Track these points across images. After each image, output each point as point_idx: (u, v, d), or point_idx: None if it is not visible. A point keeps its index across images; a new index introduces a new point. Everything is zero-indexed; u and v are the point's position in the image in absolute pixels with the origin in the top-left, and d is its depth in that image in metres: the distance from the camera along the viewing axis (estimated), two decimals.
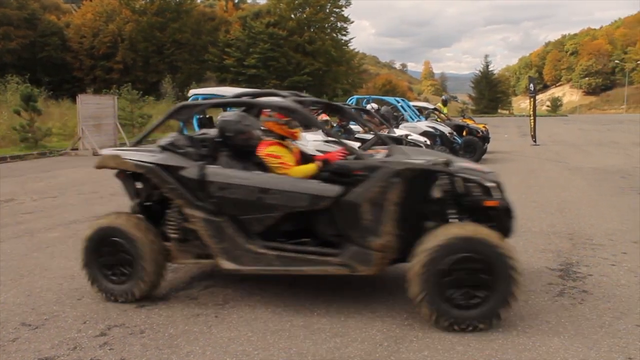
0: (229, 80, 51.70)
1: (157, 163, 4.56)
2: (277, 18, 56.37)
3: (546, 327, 4.05)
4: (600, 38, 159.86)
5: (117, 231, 4.59)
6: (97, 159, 4.92)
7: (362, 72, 68.60)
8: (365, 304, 4.53)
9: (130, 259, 4.56)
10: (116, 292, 4.63)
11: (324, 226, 4.38)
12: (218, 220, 4.44)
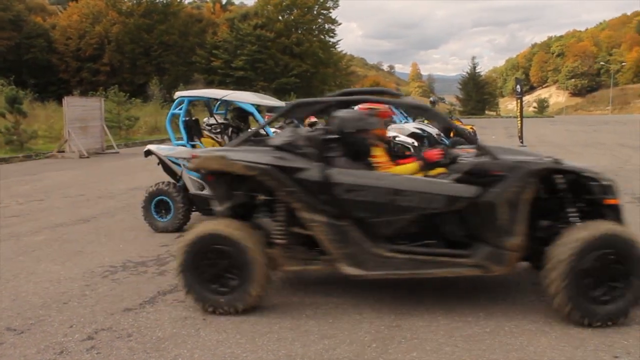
0: (216, 82, 51.64)
1: (274, 164, 4.29)
2: (265, 20, 56.38)
3: (533, 326, 4.07)
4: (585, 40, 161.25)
5: (223, 238, 4.28)
6: (195, 161, 4.57)
7: (350, 74, 68.70)
8: (353, 306, 4.53)
9: (237, 269, 4.28)
10: (217, 303, 4.34)
11: (453, 227, 4.34)
12: (341, 224, 4.27)
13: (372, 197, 4.21)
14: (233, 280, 4.31)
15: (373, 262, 4.25)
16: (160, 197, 7.37)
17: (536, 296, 4.68)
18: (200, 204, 7.37)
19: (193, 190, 7.31)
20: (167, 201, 7.37)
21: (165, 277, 5.42)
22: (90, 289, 5.07)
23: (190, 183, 7.29)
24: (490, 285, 4.98)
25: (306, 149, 4.39)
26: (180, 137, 7.65)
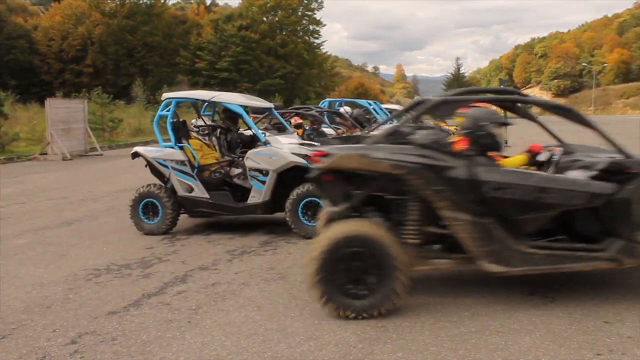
0: (200, 83, 51.44)
1: (423, 163, 4.23)
2: (249, 21, 56.25)
3: (518, 325, 4.09)
4: (568, 41, 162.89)
5: (362, 239, 4.17)
6: (328, 160, 4.36)
7: (334, 75, 68.77)
8: None
9: (377, 269, 4.18)
10: (358, 308, 4.21)
11: (589, 222, 4.50)
12: (485, 221, 4.29)
13: (519, 194, 4.29)
14: (373, 282, 4.21)
15: (516, 259, 4.35)
16: (149, 200, 7.29)
17: (521, 296, 4.71)
18: (189, 206, 7.32)
19: (181, 192, 7.25)
20: (155, 203, 7.29)
21: (150, 279, 5.38)
22: (73, 293, 5.02)
23: (178, 185, 7.24)
24: (475, 285, 5.01)
25: (449, 148, 4.42)
26: (168, 139, 7.59)
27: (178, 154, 7.30)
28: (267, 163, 6.98)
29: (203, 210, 7.34)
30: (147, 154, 7.45)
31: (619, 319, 4.19)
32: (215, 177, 7.48)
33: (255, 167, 7.04)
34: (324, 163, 4.37)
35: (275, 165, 6.96)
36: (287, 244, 6.70)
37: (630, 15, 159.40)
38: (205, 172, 7.46)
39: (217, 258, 6.12)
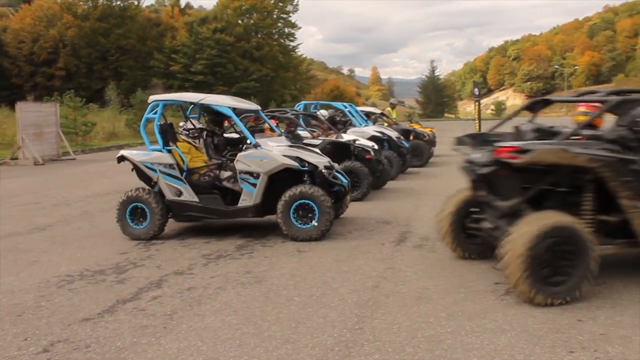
0: (175, 86, 51.03)
1: (616, 157, 4.64)
2: (224, 24, 56.05)
3: (493, 325, 4.12)
4: (540, 44, 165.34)
5: (565, 230, 4.49)
6: (530, 155, 4.51)
7: (310, 78, 68.84)
8: (315, 310, 4.52)
9: (572, 258, 4.51)
10: (559, 293, 4.49)
11: None
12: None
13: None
14: (568, 267, 4.50)
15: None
16: (136, 204, 7.15)
17: (496, 296, 4.75)
18: (178, 210, 7.22)
19: (170, 196, 7.14)
20: (143, 208, 7.16)
21: (125, 285, 5.31)
22: (45, 300, 4.93)
23: (167, 189, 7.13)
24: (452, 286, 5.04)
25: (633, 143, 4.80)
26: (155, 142, 7.43)
27: (166, 158, 7.17)
28: (257, 165, 6.93)
29: (192, 214, 7.25)
30: (133, 158, 7.30)
31: (591, 317, 4.25)
32: (204, 181, 7.37)
33: (246, 169, 6.97)
34: (522, 158, 4.54)
35: (266, 167, 6.92)
36: (263, 247, 6.67)
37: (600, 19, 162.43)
38: (194, 176, 7.35)
39: (193, 262, 6.07)
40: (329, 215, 6.82)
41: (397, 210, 8.78)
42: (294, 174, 7.12)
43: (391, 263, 5.82)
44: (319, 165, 7.11)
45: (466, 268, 5.57)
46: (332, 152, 9.63)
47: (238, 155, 7.10)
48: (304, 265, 5.81)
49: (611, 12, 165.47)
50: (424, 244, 6.61)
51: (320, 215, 6.80)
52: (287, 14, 60.77)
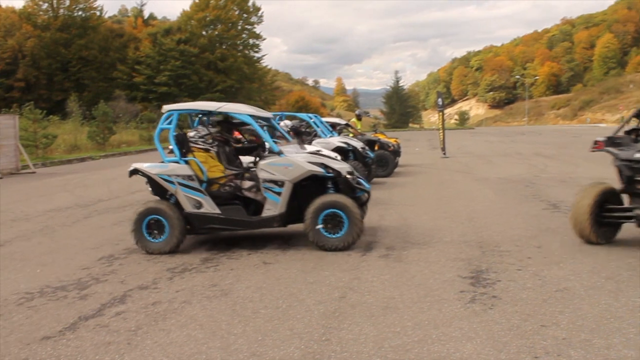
0: (139, 98, 50.52)
1: None
2: (188, 35, 55.72)
3: (459, 333, 4.15)
4: (502, 55, 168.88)
5: None
6: None
7: (275, 89, 68.85)
8: (282, 322, 4.49)
9: None
10: None
11: None
12: None
13: None
14: None
15: None
16: (154, 217, 6.91)
17: (461, 304, 4.79)
18: (198, 223, 7.02)
19: (189, 209, 6.94)
20: (161, 220, 6.92)
21: (87, 301, 5.20)
22: (3, 319, 4.79)
23: (186, 201, 6.92)
24: (417, 295, 5.06)
25: None
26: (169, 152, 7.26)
27: (184, 169, 6.96)
28: (282, 174, 6.80)
29: (214, 226, 7.05)
30: (149, 171, 7.04)
31: (554, 322, 4.32)
32: (225, 191, 7.15)
33: (270, 178, 6.83)
34: None
35: (292, 175, 6.81)
36: (229, 260, 6.60)
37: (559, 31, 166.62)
38: (213, 186, 7.11)
39: (158, 276, 5.97)
40: (358, 226, 6.75)
41: None
42: (316, 181, 7.02)
43: (357, 273, 5.83)
44: (342, 172, 7.02)
45: (432, 277, 5.61)
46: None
47: (260, 163, 6.93)
48: (270, 277, 5.77)
49: (568, 24, 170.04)
50: (390, 253, 6.64)
51: (350, 226, 6.71)
52: (252, 25, 60.81)
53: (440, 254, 6.50)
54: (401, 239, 7.32)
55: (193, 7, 58.93)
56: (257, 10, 60.75)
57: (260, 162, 6.95)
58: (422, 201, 10.62)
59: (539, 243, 6.92)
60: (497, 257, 6.34)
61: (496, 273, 5.69)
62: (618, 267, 5.78)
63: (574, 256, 6.27)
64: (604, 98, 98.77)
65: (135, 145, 32.06)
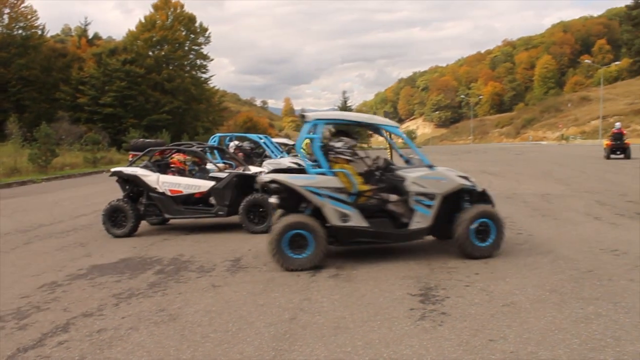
0: (83, 119, 49.39)
1: None
2: (134, 55, 54.98)
3: (410, 351, 4.17)
4: (447, 75, 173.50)
5: None
6: None
7: (223, 110, 68.52)
8: (232, 345, 4.42)
9: None
10: None
11: None
12: None
13: None
14: None
15: None
16: (297, 231, 6.69)
17: (411, 321, 4.82)
18: (346, 236, 6.88)
19: (336, 222, 6.76)
20: (305, 235, 6.69)
21: (27, 331, 4.98)
22: None
23: (333, 214, 6.71)
24: (368, 314, 5.07)
25: None
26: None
27: (333, 181, 6.79)
28: (435, 187, 6.97)
29: (362, 240, 6.96)
30: (294, 182, 6.76)
31: (502, 336, 4.39)
32: (371, 204, 7.05)
33: (422, 191, 6.94)
34: None
35: (444, 188, 7.01)
36: (177, 284, 6.46)
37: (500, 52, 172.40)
38: (360, 199, 6.99)
39: (103, 303, 5.79)
40: (503, 234, 7.13)
41: None
42: (460, 194, 7.27)
43: (307, 294, 5.80)
44: (478, 186, 7.45)
45: (382, 295, 5.63)
46: (238, 185, 9.79)
47: (409, 177, 7.03)
48: (219, 301, 5.68)
49: (509, 45, 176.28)
50: (340, 273, 6.63)
51: (497, 235, 7.05)
52: (199, 46, 60.58)
53: (390, 273, 6.53)
54: (351, 259, 7.33)
55: (139, 27, 58.34)
56: (205, 30, 60.64)
57: (409, 176, 7.05)
58: None
59: (485, 259, 7.05)
60: (446, 273, 6.42)
61: (445, 290, 5.76)
62: (561, 280, 5.94)
63: (519, 271, 6.40)
64: (545, 116, 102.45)
65: (79, 168, 31.23)
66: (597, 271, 6.28)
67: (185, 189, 9.87)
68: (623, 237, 8.22)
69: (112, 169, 10.33)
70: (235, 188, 9.82)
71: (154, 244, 8.96)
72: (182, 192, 9.86)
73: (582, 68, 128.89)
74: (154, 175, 9.96)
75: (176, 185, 9.86)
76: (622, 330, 4.45)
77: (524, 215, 10.49)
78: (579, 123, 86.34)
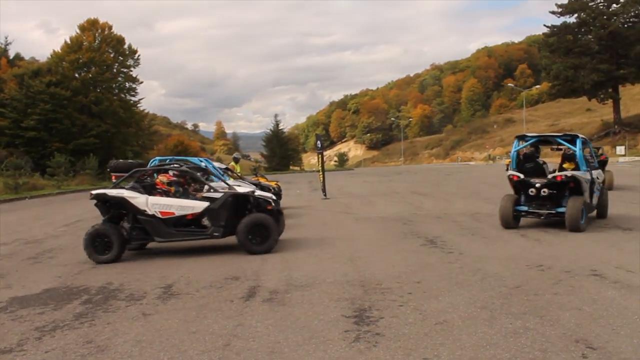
0: (3, 143, 47.26)
1: None
2: (60, 77, 53.16)
3: None
4: (377, 98, 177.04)
5: None
6: None
7: (153, 134, 67.09)
8: None
9: None
10: None
11: None
12: None
13: None
14: None
15: None
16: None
17: (346, 343, 4.81)
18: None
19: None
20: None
21: None
22: None
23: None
24: (303, 338, 5.03)
25: None
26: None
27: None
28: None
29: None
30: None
31: (435, 354, 4.45)
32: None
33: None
34: None
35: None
36: (105, 313, 6.22)
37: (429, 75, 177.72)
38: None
39: (24, 337, 5.49)
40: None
41: (245, 264, 8.68)
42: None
43: (241, 319, 5.70)
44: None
45: (316, 318, 5.60)
46: (233, 205, 9.71)
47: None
48: (149, 330, 5.50)
49: (437, 69, 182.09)
50: (274, 297, 6.57)
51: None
52: (128, 68, 59.25)
53: (324, 295, 6.52)
54: (284, 282, 7.28)
55: (64, 49, 56.53)
56: (134, 52, 59.42)
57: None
58: (304, 243, 10.68)
59: (418, 278, 7.15)
60: (380, 294, 6.46)
61: (379, 310, 5.79)
62: (491, 297, 6.10)
63: (451, 289, 6.53)
64: (472, 138, 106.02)
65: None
66: (525, 287, 6.49)
67: (177, 210, 9.52)
68: (547, 252, 8.57)
69: (93, 191, 9.80)
70: (230, 208, 9.68)
71: (81, 272, 8.62)
72: (174, 213, 9.50)
73: (506, 91, 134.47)
74: (143, 197, 9.55)
75: (167, 207, 9.50)
76: (549, 343, 4.60)
77: (455, 234, 10.75)
78: (505, 143, 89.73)
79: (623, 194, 17.44)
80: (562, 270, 7.29)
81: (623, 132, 68.27)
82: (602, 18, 65.49)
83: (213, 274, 8.06)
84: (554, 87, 73.29)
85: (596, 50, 65.54)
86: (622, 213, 12.99)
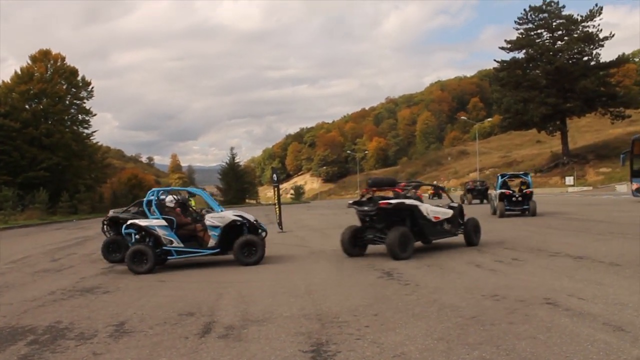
0: None
1: None
2: (9, 108, 51.92)
3: None
4: (333, 131, 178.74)
5: None
6: None
7: (106, 167, 65.99)
8: None
9: None
10: None
11: None
12: None
13: None
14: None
15: None
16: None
17: (303, 357, 4.74)
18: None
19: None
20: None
21: None
22: None
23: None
24: (258, 344, 4.93)
25: None
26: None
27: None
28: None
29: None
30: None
31: None
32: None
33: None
34: None
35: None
36: (53, 354, 5.95)
37: (383, 109, 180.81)
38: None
39: None
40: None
41: (200, 299, 8.51)
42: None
43: (196, 357, 5.55)
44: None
45: (273, 354, 5.50)
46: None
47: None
48: None
49: (392, 102, 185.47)
50: (230, 333, 6.44)
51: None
52: (81, 100, 58.44)
53: (281, 330, 6.43)
54: (240, 317, 7.16)
55: (14, 79, 55.40)
56: (87, 84, 58.69)
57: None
58: (260, 277, 10.57)
59: (375, 311, 7.13)
60: (337, 328, 6.41)
61: (336, 344, 5.73)
62: (448, 328, 6.12)
63: (408, 321, 6.53)
64: (427, 170, 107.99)
65: None
66: (481, 317, 6.54)
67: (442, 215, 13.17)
68: (502, 282, 8.69)
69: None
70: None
71: (28, 311, 8.28)
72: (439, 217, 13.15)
73: (459, 124, 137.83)
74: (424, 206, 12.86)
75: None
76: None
77: (411, 267, 10.80)
78: (459, 175, 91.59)
79: (578, 222, 17.89)
80: (517, 299, 7.39)
81: (571, 163, 70.62)
82: (549, 54, 68.29)
83: (167, 310, 7.86)
84: (505, 120, 75.57)
85: (544, 85, 68.13)
86: (570, 241, 13.31)
